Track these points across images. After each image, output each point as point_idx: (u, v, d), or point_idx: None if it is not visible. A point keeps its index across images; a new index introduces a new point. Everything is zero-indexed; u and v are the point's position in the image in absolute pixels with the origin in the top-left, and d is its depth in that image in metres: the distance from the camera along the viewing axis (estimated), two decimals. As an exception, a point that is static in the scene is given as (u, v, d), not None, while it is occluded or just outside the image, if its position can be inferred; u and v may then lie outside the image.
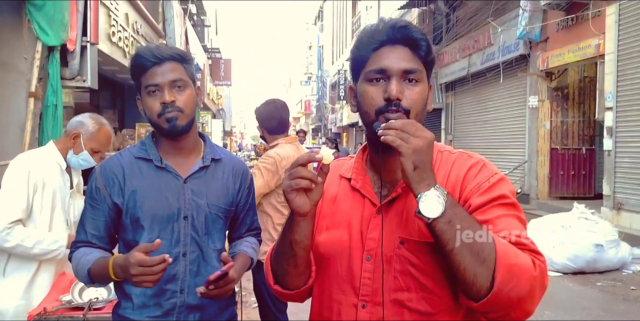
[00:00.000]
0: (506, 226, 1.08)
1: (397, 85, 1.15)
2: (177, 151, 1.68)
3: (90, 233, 1.63)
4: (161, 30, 11.96)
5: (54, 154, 2.53)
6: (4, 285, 2.38)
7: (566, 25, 10.06)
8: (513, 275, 0.99)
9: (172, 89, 1.59)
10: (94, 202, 1.63)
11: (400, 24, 1.19)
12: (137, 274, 1.35)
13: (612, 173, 8.55)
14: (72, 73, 6.76)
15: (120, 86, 11.98)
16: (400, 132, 1.04)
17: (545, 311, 4.87)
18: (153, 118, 1.61)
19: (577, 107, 11.19)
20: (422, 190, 1.03)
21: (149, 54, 1.59)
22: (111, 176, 1.62)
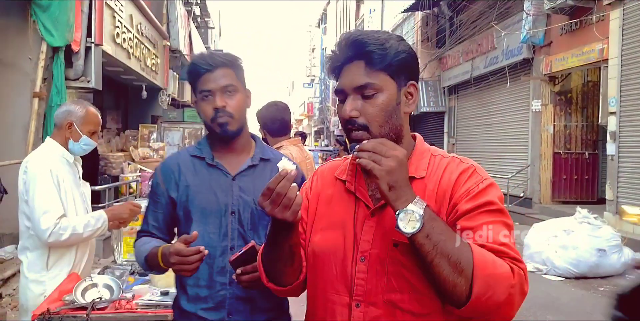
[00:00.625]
0: (491, 233, 1.12)
1: (349, 104, 1.21)
2: (228, 151, 1.79)
3: (151, 224, 1.79)
4: (165, 31, 11.98)
5: (59, 149, 2.62)
6: (48, 277, 2.52)
7: (570, 29, 10.05)
8: (489, 285, 1.05)
9: (223, 94, 1.69)
10: (155, 196, 1.79)
11: (351, 40, 1.23)
12: (175, 262, 1.47)
13: (615, 178, 8.54)
14: (77, 74, 6.78)
15: (124, 87, 12.00)
16: (372, 155, 1.08)
17: (547, 316, 4.85)
18: (207, 122, 1.73)
19: (581, 112, 11.18)
20: (400, 207, 1.07)
21: (202, 62, 1.70)
22: (169, 172, 1.77)
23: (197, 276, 1.63)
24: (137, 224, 3.17)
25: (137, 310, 2.27)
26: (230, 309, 1.68)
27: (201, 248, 1.45)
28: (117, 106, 12.72)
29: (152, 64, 10.56)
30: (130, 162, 9.82)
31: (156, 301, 2.32)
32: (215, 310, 1.68)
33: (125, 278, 2.71)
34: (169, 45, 12.28)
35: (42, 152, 2.62)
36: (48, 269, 2.52)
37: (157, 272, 1.76)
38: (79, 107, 2.65)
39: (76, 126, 2.61)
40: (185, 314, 1.71)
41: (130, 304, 2.32)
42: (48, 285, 2.49)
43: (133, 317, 2.24)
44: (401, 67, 1.23)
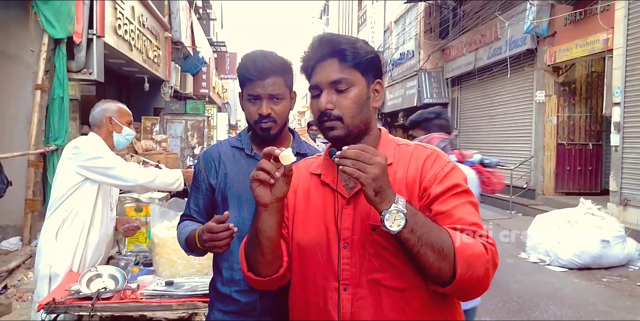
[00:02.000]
0: (462, 215, 1.25)
1: (325, 97, 1.33)
2: (267, 144, 1.79)
3: (192, 208, 1.89)
4: (167, 23, 11.94)
5: (101, 144, 2.86)
6: (56, 249, 2.68)
7: (574, 19, 9.97)
8: (470, 264, 1.17)
9: (270, 101, 1.75)
10: (197, 182, 1.89)
11: (325, 39, 1.36)
12: (207, 239, 1.54)
13: (619, 169, 8.50)
14: (79, 66, 6.76)
15: (126, 79, 11.98)
16: (356, 162, 1.14)
17: (550, 307, 4.86)
18: (250, 122, 1.81)
19: (584, 103, 11.12)
20: (385, 208, 1.15)
21: (253, 68, 1.74)
22: (210, 160, 1.87)
23: (232, 259, 1.73)
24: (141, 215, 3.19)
25: (142, 300, 2.28)
26: (262, 293, 1.72)
27: (230, 225, 1.51)
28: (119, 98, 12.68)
29: (154, 56, 10.53)
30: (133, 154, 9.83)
31: (160, 291, 2.33)
32: (248, 293, 1.73)
33: (129, 269, 2.73)
34: (171, 37, 12.24)
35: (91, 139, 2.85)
36: (57, 241, 2.68)
37: (196, 254, 1.82)
38: (111, 103, 2.98)
39: (115, 119, 2.91)
40: (220, 295, 1.80)
41: (135, 294, 2.33)
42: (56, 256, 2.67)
43: (138, 307, 2.25)
44: (370, 65, 1.36)
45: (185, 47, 13.77)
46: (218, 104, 22.20)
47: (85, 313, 2.23)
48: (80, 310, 2.23)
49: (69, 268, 2.67)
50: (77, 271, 2.67)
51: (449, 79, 16.40)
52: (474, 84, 14.68)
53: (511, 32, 11.75)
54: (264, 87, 1.73)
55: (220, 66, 24.95)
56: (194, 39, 15.16)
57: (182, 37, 13.04)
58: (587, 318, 4.61)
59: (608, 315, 4.70)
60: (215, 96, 21.08)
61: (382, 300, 1.28)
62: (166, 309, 2.25)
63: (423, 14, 17.62)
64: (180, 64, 13.98)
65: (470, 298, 1.27)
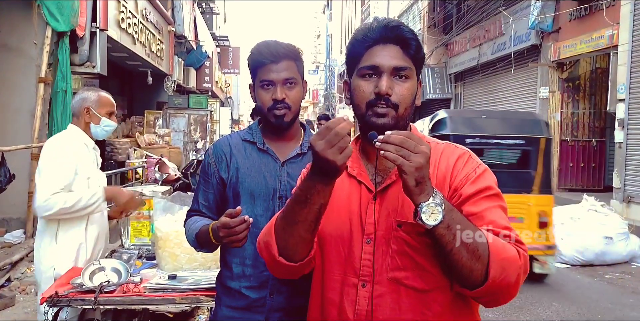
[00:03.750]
0: (493, 217, 1.20)
1: (387, 81, 1.25)
2: (279, 138, 1.83)
3: (201, 203, 1.84)
4: (170, 17, 11.91)
5: (80, 136, 2.75)
6: (57, 250, 2.61)
7: (579, 15, 9.91)
8: (504, 268, 1.12)
9: (284, 86, 1.72)
10: (206, 176, 1.84)
11: (392, 24, 1.29)
12: (224, 235, 1.52)
13: (622, 166, 8.48)
14: (82, 59, 6.75)
15: (129, 73, 11.96)
16: (400, 149, 1.09)
17: (553, 303, 4.86)
18: (263, 110, 1.76)
19: (588, 99, 11.07)
20: (423, 200, 1.11)
21: (267, 51, 1.72)
22: (220, 153, 1.82)
23: (243, 254, 1.73)
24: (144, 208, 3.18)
25: (145, 294, 2.27)
26: (272, 289, 1.71)
27: (245, 217, 1.49)
28: (123, 92, 12.70)
29: (157, 50, 10.51)
30: (136, 148, 9.84)
31: (163, 285, 2.32)
32: (258, 289, 1.72)
33: (132, 262, 2.72)
34: (174, 30, 12.21)
35: (62, 136, 2.74)
36: (57, 242, 2.62)
37: (207, 250, 1.79)
38: (91, 92, 2.81)
39: (93, 109, 2.75)
40: (229, 290, 1.77)
41: (138, 287, 2.32)
42: (58, 257, 2.60)
43: (140, 301, 2.25)
44: (421, 63, 1.34)
45: (188, 41, 13.75)
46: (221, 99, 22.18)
47: (88, 307, 2.23)
48: (83, 303, 2.22)
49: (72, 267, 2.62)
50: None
51: (452, 75, 16.34)
52: (478, 80, 14.63)
53: (515, 28, 11.69)
54: (277, 72, 1.71)
55: (223, 60, 24.89)
56: (197, 33, 15.13)
57: (185, 31, 13.00)
58: (589, 315, 4.61)
59: (610, 312, 4.70)
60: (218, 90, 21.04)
61: (402, 300, 1.24)
62: (169, 303, 2.24)
63: (427, 9, 17.54)
64: (183, 58, 13.96)
65: (496, 304, 1.21)
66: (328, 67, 39.69)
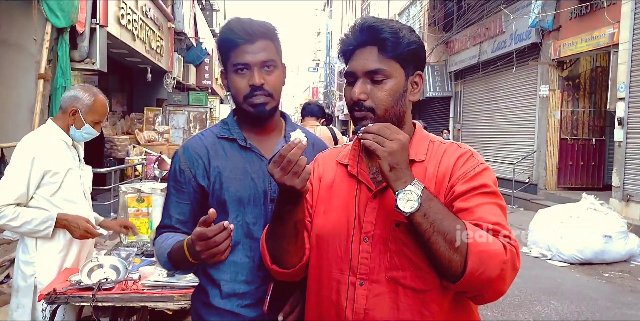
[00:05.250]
0: (484, 213, 1.18)
1: (358, 87, 1.27)
2: (259, 131, 1.60)
3: (175, 217, 1.55)
4: (170, 13, 11.87)
5: (58, 133, 2.57)
6: (38, 259, 2.50)
7: (579, 13, 9.90)
8: (483, 261, 1.10)
9: (261, 69, 1.49)
10: (179, 185, 1.55)
11: (366, 25, 1.28)
12: (202, 249, 1.28)
13: (622, 164, 8.48)
14: (82, 55, 6.73)
15: (128, 70, 11.95)
16: (376, 136, 1.15)
17: (551, 301, 4.86)
18: (238, 99, 1.52)
19: (588, 98, 11.07)
20: (399, 187, 1.14)
21: (241, 29, 1.47)
22: (195, 157, 1.54)
23: (235, 270, 1.50)
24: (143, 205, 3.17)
25: (143, 291, 2.27)
26: (270, 305, 1.51)
27: (225, 223, 1.26)
28: (122, 89, 12.68)
29: (157, 47, 10.49)
30: (136, 145, 9.83)
31: (162, 282, 2.32)
32: (255, 306, 1.51)
33: (131, 259, 2.72)
34: (174, 27, 12.18)
35: (36, 135, 2.58)
36: (37, 250, 2.51)
37: (183, 271, 1.55)
38: (87, 94, 2.57)
39: (81, 113, 2.54)
40: (216, 311, 1.52)
41: (137, 285, 2.32)
42: (37, 266, 2.50)
43: (139, 298, 2.25)
44: (411, 57, 1.30)
45: (188, 38, 13.71)
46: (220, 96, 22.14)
47: (87, 304, 2.23)
48: (81, 300, 2.22)
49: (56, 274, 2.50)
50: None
51: (452, 73, 16.33)
52: (478, 78, 14.62)
53: (516, 26, 11.67)
54: (253, 53, 1.47)
55: (223, 58, 24.77)
56: (197, 30, 15.08)
57: (185, 28, 12.97)
58: (588, 313, 4.61)
59: (609, 310, 4.70)
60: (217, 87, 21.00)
61: (400, 300, 1.24)
62: (168, 300, 2.24)
63: (427, 7, 17.52)
64: (183, 55, 13.93)
65: (483, 300, 1.18)
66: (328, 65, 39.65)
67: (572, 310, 4.67)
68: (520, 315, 4.53)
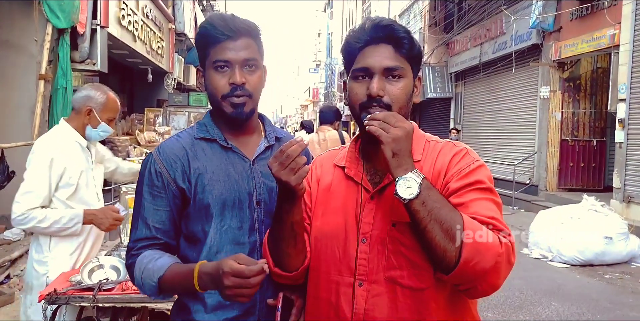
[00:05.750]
0: (479, 208, 1.19)
1: (377, 82, 1.27)
2: (239, 132, 1.53)
3: (154, 226, 1.42)
4: (171, 14, 11.88)
5: (72, 134, 2.60)
6: (50, 258, 2.54)
7: (580, 14, 9.90)
8: (478, 251, 1.11)
9: (243, 68, 1.42)
10: (155, 189, 1.43)
11: (383, 23, 1.30)
12: (232, 285, 1.16)
13: (623, 166, 8.47)
14: (82, 56, 6.74)
15: (129, 70, 11.95)
16: (382, 123, 1.18)
17: (552, 303, 4.85)
18: (216, 98, 1.44)
19: (589, 99, 11.06)
20: (400, 174, 1.15)
21: (223, 25, 1.41)
22: (173, 158, 1.44)
23: None
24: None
25: (144, 292, 2.27)
26: (260, 314, 1.44)
27: (265, 267, 1.16)
28: (123, 89, 12.67)
29: (157, 48, 10.49)
30: (136, 145, 9.82)
31: (163, 283, 2.31)
32: (244, 317, 1.43)
33: (126, 259, 2.71)
34: (175, 28, 12.18)
35: (51, 136, 2.60)
36: (50, 250, 2.55)
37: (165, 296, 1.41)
38: (99, 93, 2.62)
39: (95, 112, 2.59)
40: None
41: (137, 285, 2.31)
42: (50, 266, 2.53)
43: (139, 298, 2.24)
44: (418, 60, 1.34)
45: (188, 39, 13.71)
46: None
47: (87, 304, 2.22)
48: (82, 301, 2.22)
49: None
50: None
51: (453, 74, 16.33)
52: (479, 79, 14.61)
53: (517, 27, 11.67)
54: (236, 50, 1.41)
55: (224, 58, 24.79)
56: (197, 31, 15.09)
57: (186, 28, 12.97)
58: (589, 315, 4.60)
59: (610, 312, 4.69)
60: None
61: (398, 299, 1.24)
62: (168, 301, 2.23)
63: (428, 8, 17.51)
64: (183, 56, 13.93)
65: (476, 293, 1.18)
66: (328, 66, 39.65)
67: (572, 312, 4.66)
68: (521, 316, 4.52)
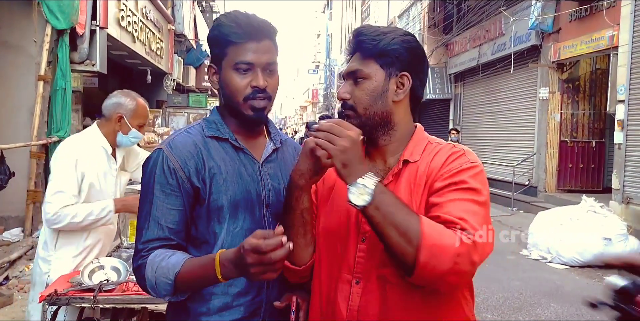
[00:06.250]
0: (452, 208, 1.18)
1: (342, 87, 1.36)
2: (249, 133, 1.51)
3: (167, 226, 1.35)
4: (170, 15, 11.89)
5: (100, 139, 2.62)
6: (54, 257, 2.56)
7: (579, 16, 9.91)
8: (434, 254, 1.10)
9: (265, 71, 1.40)
10: (169, 188, 1.36)
11: (354, 34, 1.37)
12: (254, 262, 1.11)
13: (622, 167, 8.48)
14: (81, 57, 6.74)
15: (128, 71, 11.95)
16: (327, 135, 1.18)
17: (551, 304, 4.86)
18: (235, 99, 1.41)
19: (588, 100, 11.07)
20: (351, 182, 1.16)
21: (247, 25, 1.37)
22: (186, 155, 1.38)
23: (228, 283, 1.34)
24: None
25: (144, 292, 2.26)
26: (265, 315, 1.43)
27: (284, 240, 1.10)
28: (122, 91, 12.67)
29: (157, 49, 10.49)
30: (135, 146, 9.81)
31: (163, 284, 2.31)
32: (250, 318, 1.42)
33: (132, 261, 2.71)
34: (174, 29, 12.19)
35: (79, 139, 2.63)
36: (55, 249, 2.57)
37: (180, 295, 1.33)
38: (129, 99, 2.66)
39: (126, 118, 2.62)
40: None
41: (137, 286, 2.31)
42: (53, 265, 2.56)
43: (140, 299, 2.24)
44: (393, 58, 1.32)
45: (188, 40, 13.72)
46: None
47: (87, 305, 2.23)
48: (82, 301, 2.22)
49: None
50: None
51: (452, 75, 16.33)
52: (478, 80, 14.62)
53: (516, 28, 11.68)
54: (259, 53, 1.37)
55: (223, 59, 24.79)
56: (197, 32, 15.10)
57: (185, 29, 12.98)
58: (588, 316, 4.60)
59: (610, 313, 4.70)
60: (217, 89, 21.04)
61: (387, 295, 1.27)
62: (168, 302, 2.24)
63: (427, 9, 17.53)
64: (182, 57, 13.94)
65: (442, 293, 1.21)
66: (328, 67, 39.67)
67: (572, 313, 4.66)
68: (520, 318, 4.53)
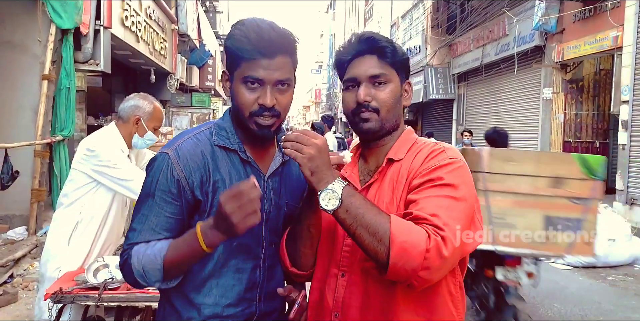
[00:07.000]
0: (427, 204, 1.21)
1: (364, 90, 1.37)
2: (257, 143, 1.44)
3: (159, 232, 1.32)
4: (173, 15, 11.90)
5: (119, 141, 2.67)
6: (67, 253, 2.59)
7: (583, 16, 9.90)
8: (404, 250, 1.13)
9: (275, 87, 1.33)
10: (170, 196, 1.33)
11: (365, 36, 1.41)
12: (234, 209, 1.13)
13: (626, 168, 8.46)
14: (86, 57, 6.76)
15: (132, 71, 11.97)
16: (294, 144, 1.21)
17: (554, 304, 4.85)
18: (242, 113, 1.35)
19: (592, 100, 11.05)
20: (320, 188, 1.20)
21: (259, 41, 1.29)
22: (192, 166, 1.34)
23: (220, 293, 1.38)
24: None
25: (149, 291, 2.27)
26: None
27: (255, 181, 1.16)
28: (126, 90, 12.68)
29: (160, 48, 10.51)
30: (139, 146, 9.83)
31: (167, 283, 2.32)
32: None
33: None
34: (177, 29, 12.21)
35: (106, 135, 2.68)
36: (69, 244, 2.61)
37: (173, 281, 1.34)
38: (146, 103, 2.73)
39: (143, 121, 2.68)
40: None
41: (142, 285, 2.32)
42: (66, 259, 2.59)
43: (145, 298, 2.25)
44: (403, 66, 1.43)
45: (191, 39, 13.74)
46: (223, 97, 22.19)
47: (92, 303, 2.23)
48: (87, 300, 2.23)
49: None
50: None
51: (455, 75, 16.33)
52: (481, 81, 14.61)
53: (519, 29, 11.67)
54: (270, 70, 1.30)
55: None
56: (200, 32, 15.12)
57: (189, 29, 13.00)
58: (591, 317, 4.59)
59: (613, 314, 4.68)
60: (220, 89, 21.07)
61: (370, 287, 1.32)
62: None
63: (430, 9, 17.53)
64: (186, 57, 13.96)
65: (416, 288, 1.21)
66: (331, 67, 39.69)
67: (575, 313, 4.65)
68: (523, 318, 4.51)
